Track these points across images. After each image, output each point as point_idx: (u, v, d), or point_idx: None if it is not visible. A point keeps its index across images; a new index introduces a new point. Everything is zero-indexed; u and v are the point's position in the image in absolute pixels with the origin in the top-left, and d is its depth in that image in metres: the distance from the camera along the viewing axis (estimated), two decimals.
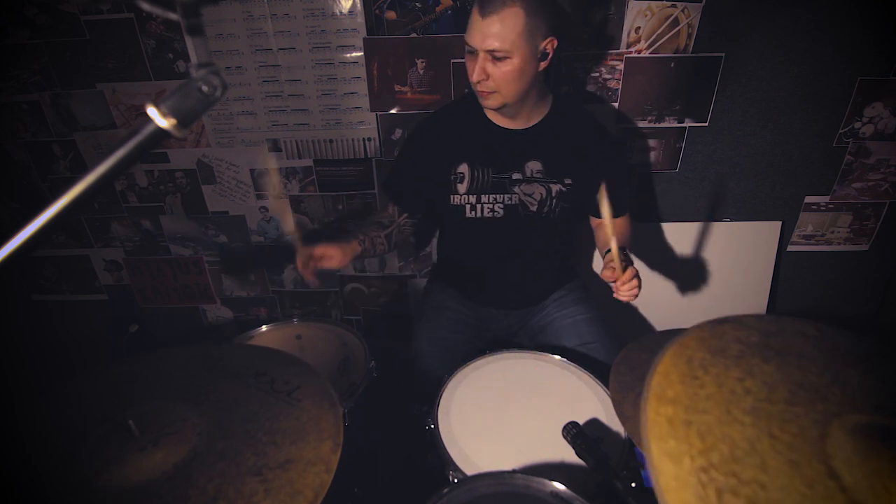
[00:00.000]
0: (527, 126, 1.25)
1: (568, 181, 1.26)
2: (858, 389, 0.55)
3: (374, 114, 1.61)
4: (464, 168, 1.25)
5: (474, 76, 1.11)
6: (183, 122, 0.43)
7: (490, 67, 1.09)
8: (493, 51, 1.07)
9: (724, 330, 0.62)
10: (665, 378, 0.55)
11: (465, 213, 1.28)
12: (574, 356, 1.16)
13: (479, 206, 1.27)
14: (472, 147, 1.25)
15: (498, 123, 1.24)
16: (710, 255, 1.78)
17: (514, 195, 1.27)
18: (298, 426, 0.67)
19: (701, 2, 1.42)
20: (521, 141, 1.24)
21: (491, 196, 1.27)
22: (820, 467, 0.46)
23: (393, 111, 1.60)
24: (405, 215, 1.37)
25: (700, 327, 0.63)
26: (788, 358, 0.58)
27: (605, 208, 1.00)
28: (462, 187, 1.26)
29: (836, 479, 0.45)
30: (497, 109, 1.19)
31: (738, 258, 1.79)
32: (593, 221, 1.38)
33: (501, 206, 1.28)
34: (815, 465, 0.47)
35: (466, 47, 1.11)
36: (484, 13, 1.04)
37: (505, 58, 1.07)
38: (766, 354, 0.59)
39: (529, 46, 1.08)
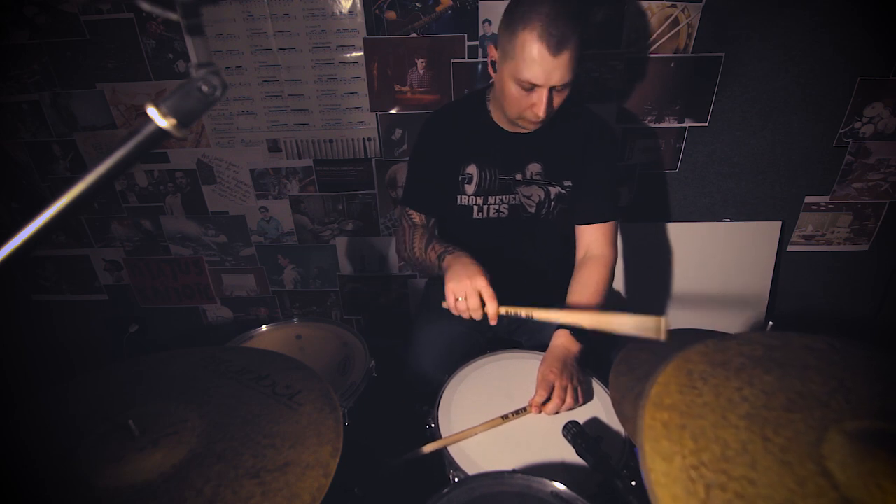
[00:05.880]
0: (529, 129, 1.24)
1: (567, 183, 1.26)
2: (864, 398, 0.55)
3: (374, 114, 1.61)
4: (472, 169, 1.24)
5: (542, 112, 1.06)
6: (183, 122, 0.43)
7: (554, 99, 1.07)
8: (562, 84, 1.04)
9: (729, 345, 0.63)
10: (664, 388, 0.56)
11: (472, 213, 1.28)
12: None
13: (486, 206, 1.27)
14: (480, 148, 1.24)
15: (503, 126, 1.24)
16: (710, 255, 1.78)
17: (516, 195, 1.27)
18: (298, 430, 0.67)
19: (701, 2, 1.42)
20: (523, 143, 1.23)
21: (497, 197, 1.26)
22: (812, 467, 0.47)
23: (393, 111, 1.60)
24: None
25: (703, 342, 0.63)
26: (791, 370, 0.59)
27: None
28: (470, 188, 1.26)
29: (829, 478, 0.46)
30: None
31: (738, 258, 1.79)
32: (577, 229, 1.31)
33: (507, 206, 1.28)
34: (808, 464, 0.47)
35: (522, 84, 1.04)
36: (556, 51, 1.00)
37: (567, 87, 1.06)
38: (767, 366, 0.59)
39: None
